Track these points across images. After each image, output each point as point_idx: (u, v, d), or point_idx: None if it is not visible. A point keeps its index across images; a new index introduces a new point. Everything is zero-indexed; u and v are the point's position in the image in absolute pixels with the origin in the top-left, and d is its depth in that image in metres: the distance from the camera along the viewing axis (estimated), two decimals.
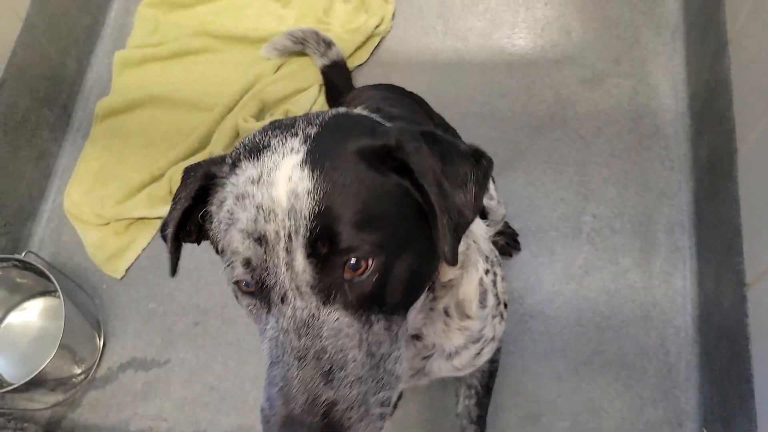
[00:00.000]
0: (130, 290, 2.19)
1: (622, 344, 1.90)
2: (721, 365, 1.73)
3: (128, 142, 2.41)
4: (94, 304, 2.15)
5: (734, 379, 1.63)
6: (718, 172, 1.86)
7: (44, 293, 2.16)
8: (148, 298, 2.17)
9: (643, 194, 2.07)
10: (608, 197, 2.08)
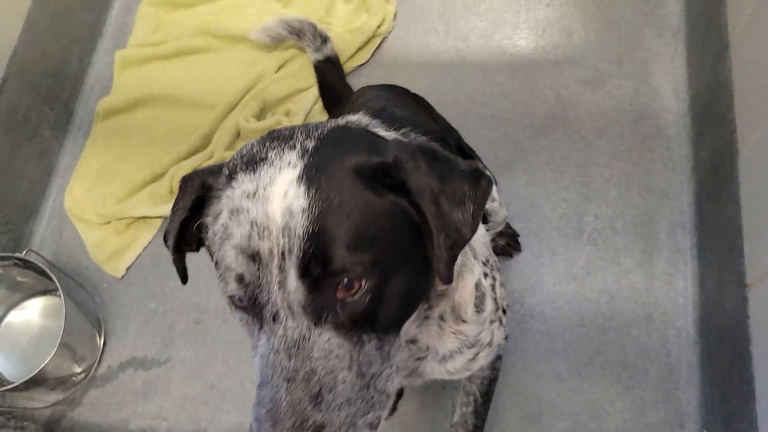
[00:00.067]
0: (130, 289, 2.19)
1: (623, 345, 1.90)
2: (722, 366, 1.73)
3: (130, 140, 2.40)
4: (94, 302, 2.15)
5: (735, 380, 1.63)
6: (719, 173, 1.87)
7: (45, 292, 2.16)
8: (148, 297, 2.17)
9: (644, 195, 2.07)
10: (610, 198, 2.08)
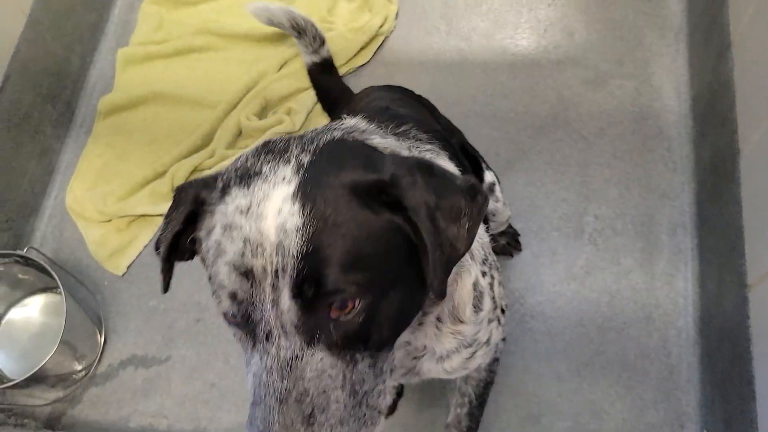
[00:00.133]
0: (131, 287, 2.19)
1: (623, 345, 1.90)
2: (722, 367, 1.73)
3: (131, 139, 2.41)
4: (95, 300, 2.16)
5: (735, 380, 1.63)
6: (720, 173, 1.86)
7: (46, 289, 2.16)
8: (149, 295, 2.17)
9: (645, 195, 2.07)
10: (610, 198, 2.08)
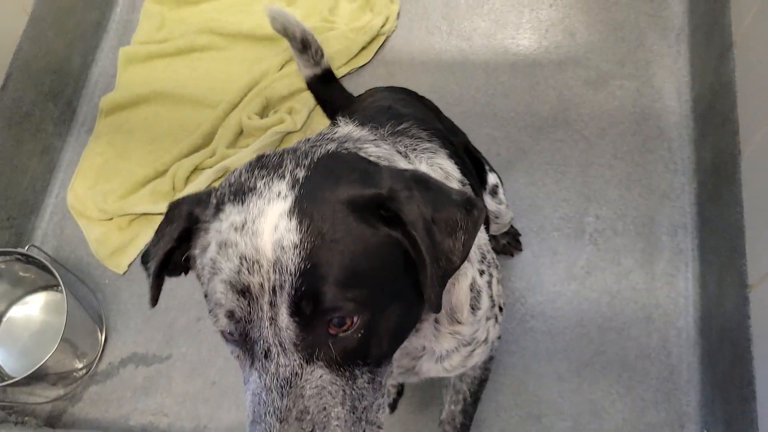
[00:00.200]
0: (132, 285, 2.19)
1: (623, 345, 1.90)
2: (722, 367, 1.73)
3: (132, 137, 2.41)
4: (96, 298, 2.16)
5: (736, 381, 1.63)
6: (721, 174, 1.86)
7: (47, 287, 2.16)
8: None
9: (646, 196, 2.07)
10: (611, 198, 2.08)
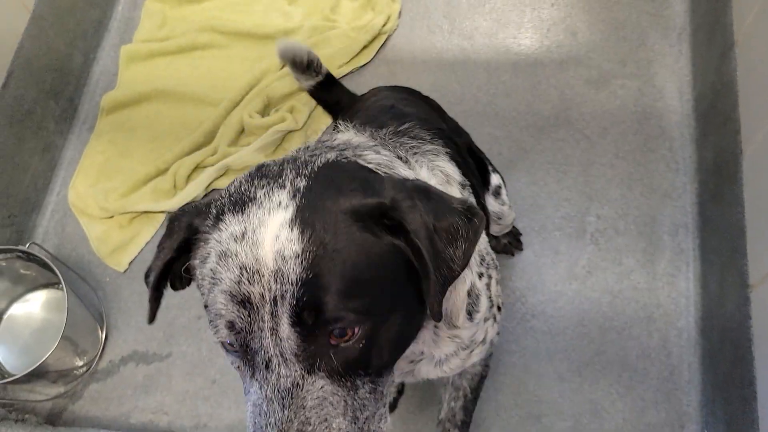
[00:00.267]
0: (132, 283, 2.19)
1: (624, 345, 1.89)
2: (723, 368, 1.72)
3: (133, 135, 2.41)
4: (96, 296, 2.16)
5: (736, 381, 1.62)
6: (723, 174, 1.86)
7: (47, 285, 2.16)
8: None
9: (647, 195, 2.06)
10: (612, 198, 2.08)
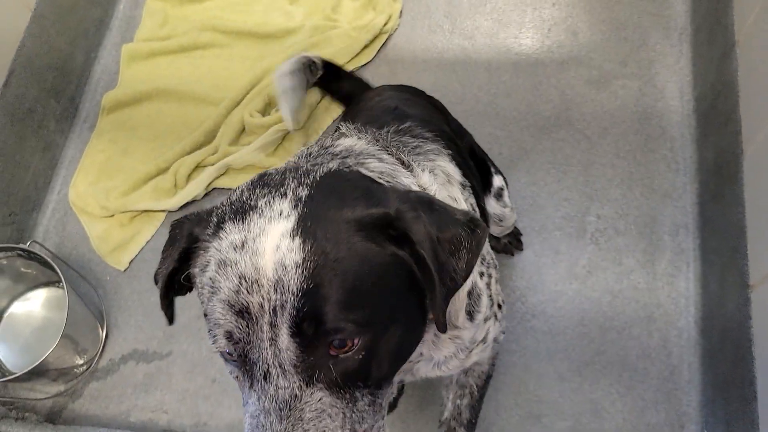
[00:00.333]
0: (133, 282, 2.20)
1: (624, 345, 1.89)
2: (723, 368, 1.72)
3: (134, 134, 2.41)
4: (97, 295, 2.16)
5: (737, 381, 1.62)
6: (723, 174, 1.86)
7: (48, 283, 2.17)
8: (151, 290, 2.17)
9: (648, 195, 2.06)
10: (613, 198, 2.08)
